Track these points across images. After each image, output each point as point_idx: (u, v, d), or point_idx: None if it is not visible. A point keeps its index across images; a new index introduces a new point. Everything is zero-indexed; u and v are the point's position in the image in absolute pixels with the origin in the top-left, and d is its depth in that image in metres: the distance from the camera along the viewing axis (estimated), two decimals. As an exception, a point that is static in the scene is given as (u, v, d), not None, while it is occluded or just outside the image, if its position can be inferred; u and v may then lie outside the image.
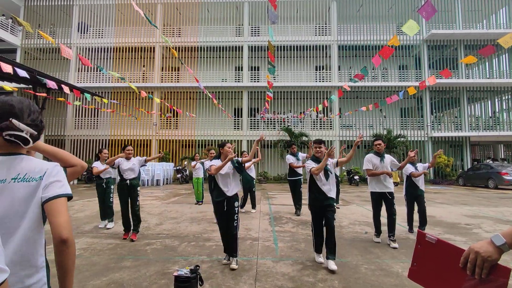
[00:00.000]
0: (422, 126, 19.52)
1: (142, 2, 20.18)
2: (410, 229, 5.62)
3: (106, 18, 20.81)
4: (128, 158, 5.34)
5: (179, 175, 17.21)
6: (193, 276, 2.61)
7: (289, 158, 7.33)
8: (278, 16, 20.47)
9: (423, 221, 5.49)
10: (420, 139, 19.31)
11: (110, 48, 20.21)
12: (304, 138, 18.22)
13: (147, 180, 15.97)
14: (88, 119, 19.85)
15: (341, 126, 19.69)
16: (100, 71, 19.19)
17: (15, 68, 5.68)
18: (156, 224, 6.31)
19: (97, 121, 19.88)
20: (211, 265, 3.83)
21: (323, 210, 3.93)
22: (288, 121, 19.66)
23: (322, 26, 20.40)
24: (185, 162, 18.33)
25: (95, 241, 4.97)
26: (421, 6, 4.22)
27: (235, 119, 20.02)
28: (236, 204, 3.98)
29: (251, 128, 19.85)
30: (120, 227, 5.44)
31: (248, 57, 20.17)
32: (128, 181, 5.20)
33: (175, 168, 17.89)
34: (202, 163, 8.36)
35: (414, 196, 5.56)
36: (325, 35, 20.19)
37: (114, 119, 19.48)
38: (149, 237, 5.25)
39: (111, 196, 6.22)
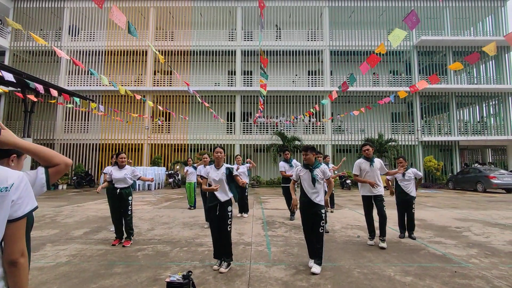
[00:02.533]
0: (412, 131, 19.81)
1: (134, 6, 20.12)
2: (402, 233, 5.66)
3: (97, 21, 20.66)
4: (121, 166, 5.14)
5: (171, 180, 17.07)
6: (186, 282, 2.58)
7: (281, 166, 7.26)
8: (270, 21, 20.70)
9: (410, 227, 5.57)
10: (411, 143, 19.58)
11: (102, 51, 20.04)
12: (296, 143, 18.29)
13: (139, 184, 15.77)
14: (78, 122, 19.55)
15: (333, 131, 19.84)
16: (91, 74, 19.03)
17: (1, 71, 5.57)
18: (147, 229, 6.22)
19: (88, 125, 19.61)
20: (204, 271, 3.79)
21: (310, 216, 3.96)
22: (280, 125, 19.73)
23: (315, 32, 20.63)
24: (177, 167, 18.18)
25: (85, 247, 4.87)
26: (406, 16, 4.32)
27: (228, 123, 20.00)
28: (229, 208, 3.99)
29: (244, 132, 19.85)
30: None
31: (241, 61, 20.24)
32: (118, 190, 5.03)
33: (167, 172, 17.74)
34: (195, 168, 8.30)
35: (404, 201, 5.60)
36: (318, 40, 20.41)
37: (105, 123, 19.24)
38: (140, 242, 5.17)
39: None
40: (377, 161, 5.17)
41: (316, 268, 3.75)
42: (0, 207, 1.03)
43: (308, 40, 20.43)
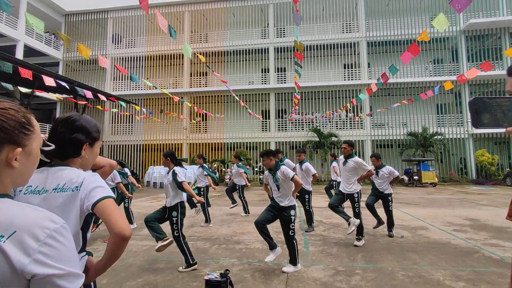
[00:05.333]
0: (461, 123, 18.32)
1: (170, 11, 20.91)
2: (378, 223, 5.65)
3: (137, 29, 21.82)
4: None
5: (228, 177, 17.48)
6: (223, 280, 2.63)
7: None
8: (303, 16, 20.30)
9: (389, 224, 5.54)
10: (460, 137, 18.12)
11: (142, 57, 21.15)
12: (333, 139, 17.82)
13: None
14: (123, 125, 20.88)
15: (372, 125, 19.01)
16: (133, 80, 20.17)
17: (57, 80, 6.13)
18: (187, 226, 6.45)
19: (132, 127, 20.86)
20: (242, 268, 3.84)
21: (278, 217, 3.92)
22: (316, 122, 19.34)
23: (350, 23, 19.88)
24: (215, 165, 18.65)
25: (131, 242, 5.17)
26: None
27: (262, 121, 20.07)
28: (174, 214, 3.95)
29: (279, 130, 19.78)
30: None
31: (274, 59, 20.16)
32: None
33: (205, 171, 18.22)
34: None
35: (377, 197, 5.63)
36: (353, 32, 19.65)
37: (147, 124, 20.31)
38: (181, 239, 5.38)
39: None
40: (352, 162, 4.90)
41: (286, 267, 3.73)
42: (69, 204, 1.09)
43: (343, 33, 19.75)
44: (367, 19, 19.83)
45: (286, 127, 19.91)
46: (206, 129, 20.56)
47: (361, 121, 18.91)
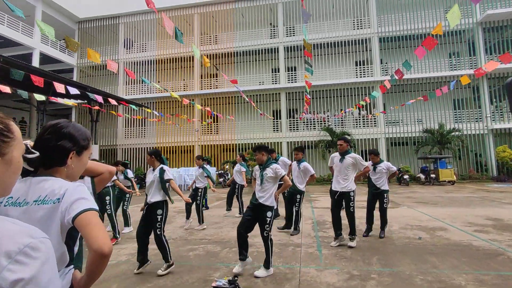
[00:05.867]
0: (480, 118, 17.67)
1: (180, 14, 21.07)
2: (366, 231, 5.47)
3: (148, 33, 22.10)
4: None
5: (221, 179, 17.54)
6: (232, 287, 2.55)
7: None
8: (313, 14, 20.05)
9: (382, 222, 5.40)
10: (479, 132, 17.48)
11: (153, 61, 21.41)
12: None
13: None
14: (136, 128, 21.19)
15: (386, 123, 18.58)
16: (144, 83, 20.43)
17: (68, 87, 6.22)
18: (199, 229, 6.42)
19: (144, 130, 21.14)
20: (252, 273, 3.74)
21: (256, 216, 3.76)
22: (328, 121, 19.06)
23: (361, 19, 19.50)
24: (227, 166, 18.65)
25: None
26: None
27: (274, 121, 19.93)
28: (159, 212, 3.95)
29: (291, 129, 19.61)
30: (167, 233, 5.60)
31: (284, 58, 20.00)
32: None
33: (217, 172, 18.29)
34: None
35: (375, 194, 5.50)
36: (364, 28, 19.27)
37: (159, 127, 20.53)
38: (192, 242, 5.35)
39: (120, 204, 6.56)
40: (350, 158, 4.81)
41: (258, 271, 3.61)
42: (50, 217, 1.01)
43: (354, 29, 19.40)
44: (378, 14, 19.41)
45: (297, 127, 19.72)
46: (217, 131, 20.60)
47: (374, 118, 18.51)
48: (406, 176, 15.34)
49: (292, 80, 19.98)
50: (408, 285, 3.26)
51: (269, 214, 3.74)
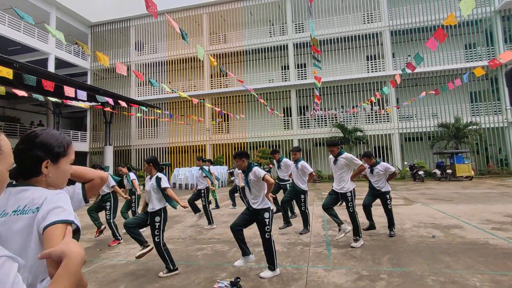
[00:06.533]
0: (499, 111, 17.01)
1: (189, 15, 21.20)
2: (368, 228, 5.45)
3: (158, 34, 22.35)
4: None
5: (232, 178, 17.59)
6: (234, 288, 2.53)
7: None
8: (322, 9, 19.78)
9: (389, 223, 5.28)
10: (498, 125, 16.84)
11: (164, 62, 21.65)
12: (358, 133, 17.23)
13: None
14: (149, 129, 21.52)
15: (400, 118, 18.16)
16: (153, 84, 20.72)
17: (78, 89, 6.36)
18: (208, 228, 6.44)
19: (157, 131, 21.44)
20: (259, 273, 3.72)
21: (253, 220, 3.79)
22: (340, 117, 18.80)
23: (371, 13, 19.10)
24: (238, 165, 18.68)
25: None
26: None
27: (284, 119, 19.82)
28: (157, 219, 3.90)
29: (302, 127, 19.45)
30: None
31: (294, 55, 19.83)
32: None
33: (229, 171, 18.35)
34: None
35: (375, 195, 5.40)
36: (375, 22, 18.86)
37: (171, 127, 20.77)
38: (201, 241, 5.37)
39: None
40: (343, 159, 4.73)
41: (264, 273, 3.58)
42: (29, 227, 0.97)
43: (364, 23, 19.02)
44: (389, 7, 18.95)
45: (308, 124, 19.54)
46: (228, 130, 20.66)
47: (387, 114, 18.13)
48: (421, 172, 14.96)
49: (302, 77, 19.80)
50: (419, 286, 3.16)
51: (266, 215, 3.71)
